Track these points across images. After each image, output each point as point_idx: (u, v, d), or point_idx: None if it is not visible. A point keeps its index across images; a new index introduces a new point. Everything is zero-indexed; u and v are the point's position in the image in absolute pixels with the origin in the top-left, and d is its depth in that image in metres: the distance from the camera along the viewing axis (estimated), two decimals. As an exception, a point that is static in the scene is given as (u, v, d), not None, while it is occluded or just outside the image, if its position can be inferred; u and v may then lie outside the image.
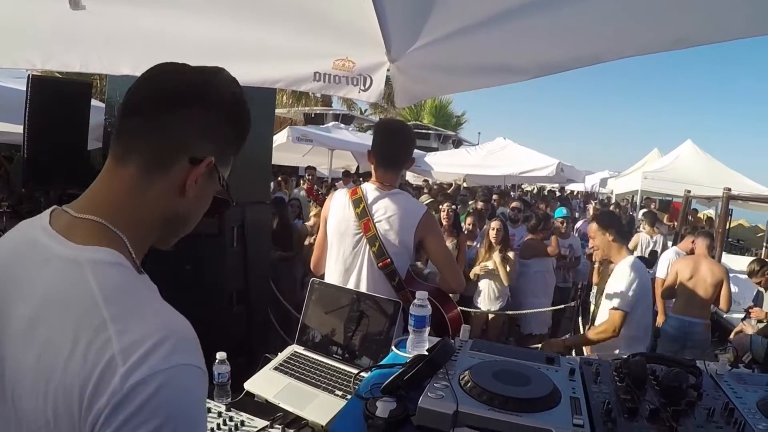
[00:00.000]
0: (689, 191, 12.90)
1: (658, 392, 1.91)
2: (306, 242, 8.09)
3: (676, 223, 13.35)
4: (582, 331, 7.58)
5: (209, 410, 2.38)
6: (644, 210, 12.98)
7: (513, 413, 1.70)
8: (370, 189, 3.50)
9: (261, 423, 2.31)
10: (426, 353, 2.04)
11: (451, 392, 1.79)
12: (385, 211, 3.40)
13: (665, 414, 1.74)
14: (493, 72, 3.16)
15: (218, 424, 2.26)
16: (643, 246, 10.69)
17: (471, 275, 7.62)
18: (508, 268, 7.51)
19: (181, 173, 1.19)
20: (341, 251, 3.48)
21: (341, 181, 14.02)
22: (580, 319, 7.84)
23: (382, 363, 2.47)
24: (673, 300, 7.21)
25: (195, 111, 1.20)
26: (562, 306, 8.07)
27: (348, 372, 2.62)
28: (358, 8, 2.89)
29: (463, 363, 2.04)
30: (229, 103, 1.26)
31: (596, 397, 1.87)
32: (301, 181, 14.66)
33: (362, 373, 2.43)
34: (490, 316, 7.75)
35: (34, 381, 1.06)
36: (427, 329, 2.49)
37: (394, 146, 3.58)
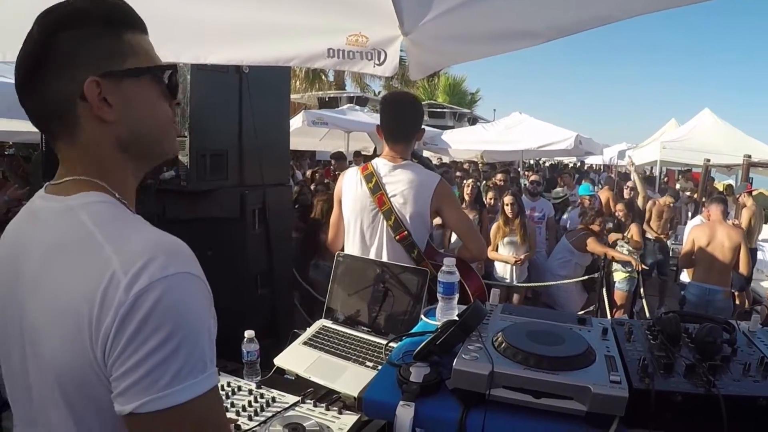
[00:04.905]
0: (708, 160, 12.77)
1: (693, 349, 1.89)
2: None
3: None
4: (606, 303, 7.59)
5: (239, 388, 2.39)
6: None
7: (549, 372, 1.69)
8: (381, 163, 3.52)
9: (292, 399, 2.31)
10: (457, 319, 2.03)
11: (486, 353, 1.78)
12: (398, 183, 3.42)
13: (701, 369, 1.72)
14: (507, 37, 3.12)
15: (249, 402, 2.27)
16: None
17: (489, 254, 7.62)
18: (530, 240, 7.54)
19: (85, 112, 1.20)
20: (358, 228, 3.50)
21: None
22: (604, 290, 7.83)
23: (412, 332, 2.47)
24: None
25: (46, 71, 1.19)
26: (586, 277, 8.04)
27: (377, 343, 2.63)
28: (370, -17, 2.88)
29: (495, 326, 2.02)
30: (46, 33, 1.19)
31: (631, 354, 1.85)
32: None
33: (392, 343, 2.43)
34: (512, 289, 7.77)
35: (48, 319, 1.12)
36: (456, 296, 2.47)
37: (402, 118, 3.61)
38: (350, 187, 3.57)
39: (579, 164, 28.00)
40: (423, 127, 3.71)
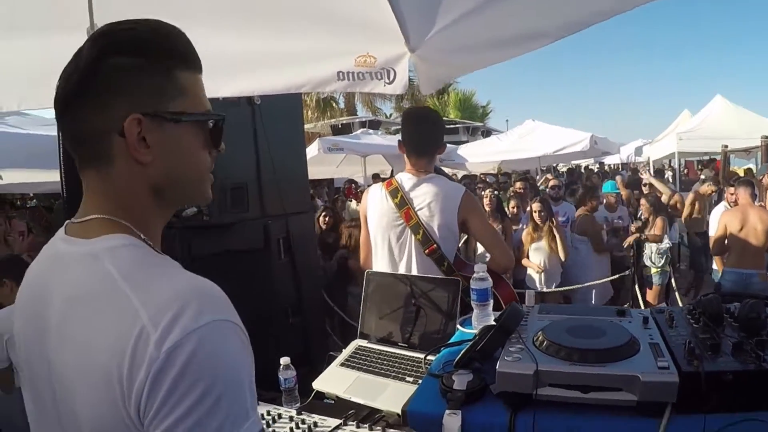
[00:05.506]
0: (726, 146, 12.66)
1: (737, 327, 1.86)
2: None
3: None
4: (640, 300, 7.51)
5: (279, 416, 2.36)
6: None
7: (595, 365, 1.66)
8: (405, 178, 3.48)
9: (334, 422, 2.28)
10: (494, 324, 2.01)
11: (528, 353, 1.75)
12: (424, 197, 3.38)
13: (749, 345, 1.69)
14: (515, 41, 3.12)
15: (291, 428, 2.24)
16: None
17: (523, 262, 7.58)
18: (561, 244, 7.44)
19: (121, 148, 1.13)
20: (386, 244, 3.46)
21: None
22: (637, 287, 7.75)
23: (449, 342, 2.44)
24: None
25: (88, 95, 1.12)
26: (617, 276, 7.96)
27: (416, 358, 2.60)
28: (373, 4, 2.90)
29: (533, 326, 2.00)
30: (97, 55, 1.11)
31: (675, 340, 1.82)
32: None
33: (430, 355, 2.40)
34: (545, 295, 7.70)
35: (77, 375, 1.06)
36: (491, 302, 2.45)
37: (425, 132, 3.57)
38: (375, 203, 3.53)
39: (598, 166, 27.82)
40: (444, 141, 3.70)
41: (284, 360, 2.54)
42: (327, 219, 8.32)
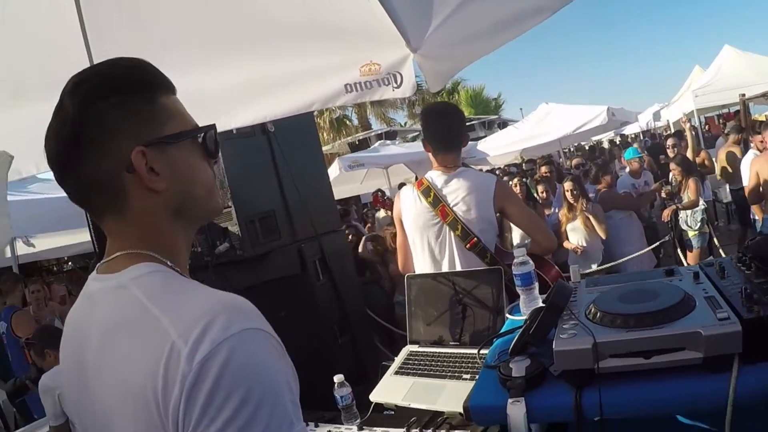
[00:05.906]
0: (743, 94, 12.46)
1: (791, 268, 1.80)
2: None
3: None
4: (685, 264, 7.37)
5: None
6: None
7: (653, 328, 1.62)
8: (435, 175, 3.47)
9: (397, 432, 2.26)
10: (543, 305, 1.97)
11: (583, 327, 1.71)
12: (457, 192, 3.36)
13: (807, 283, 1.64)
14: (514, 21, 3.08)
15: (354, 444, 2.23)
16: None
17: (564, 244, 7.47)
18: (597, 222, 7.29)
19: (134, 184, 1.15)
20: (426, 244, 3.44)
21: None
22: (678, 251, 7.62)
23: (501, 332, 2.41)
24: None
25: (86, 142, 1.13)
26: (657, 243, 7.82)
27: (469, 354, 2.56)
28: (368, 11, 2.91)
29: (583, 300, 1.96)
30: (81, 104, 1.13)
31: (730, 289, 1.77)
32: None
33: (483, 349, 2.37)
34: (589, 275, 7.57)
35: (116, 404, 1.06)
36: (536, 285, 2.42)
37: (449, 126, 3.56)
38: (409, 204, 3.52)
39: (619, 138, 27.53)
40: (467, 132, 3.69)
41: (338, 378, 2.52)
42: (350, 237, 8.30)
